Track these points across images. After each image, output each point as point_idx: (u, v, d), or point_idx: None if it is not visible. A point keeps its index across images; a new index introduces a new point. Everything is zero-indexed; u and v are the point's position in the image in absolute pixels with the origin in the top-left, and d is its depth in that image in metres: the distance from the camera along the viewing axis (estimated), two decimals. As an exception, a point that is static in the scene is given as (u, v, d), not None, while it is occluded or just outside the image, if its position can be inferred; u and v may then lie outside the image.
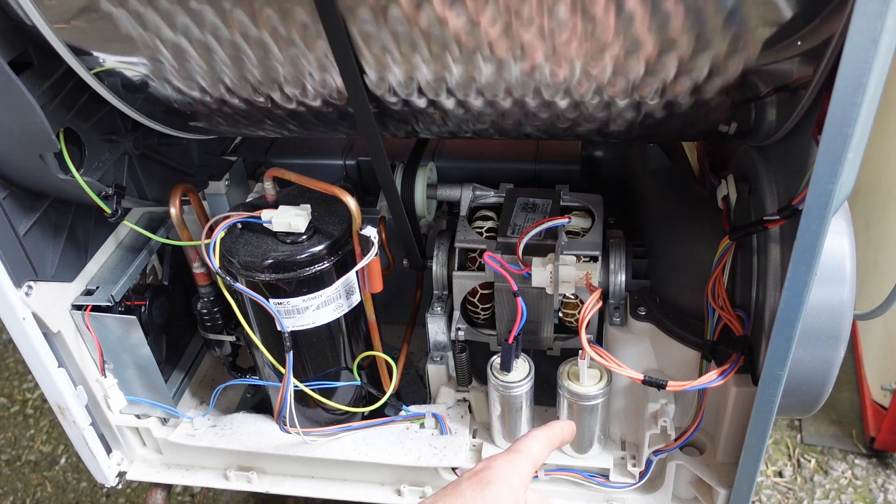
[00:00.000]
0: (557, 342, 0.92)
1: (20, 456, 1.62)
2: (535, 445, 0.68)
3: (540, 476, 0.93)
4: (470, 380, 0.97)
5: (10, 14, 0.68)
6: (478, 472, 0.63)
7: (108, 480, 1.04)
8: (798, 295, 0.62)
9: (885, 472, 1.42)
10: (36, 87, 0.73)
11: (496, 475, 0.62)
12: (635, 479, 0.90)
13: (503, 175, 1.00)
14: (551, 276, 0.81)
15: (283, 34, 0.63)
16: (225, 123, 0.81)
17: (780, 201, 0.71)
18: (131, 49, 0.68)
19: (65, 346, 0.91)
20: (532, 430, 0.72)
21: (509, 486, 0.62)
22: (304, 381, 0.91)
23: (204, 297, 0.97)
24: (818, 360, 0.72)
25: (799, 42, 0.56)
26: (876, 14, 0.46)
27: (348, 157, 1.06)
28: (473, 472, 0.63)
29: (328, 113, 0.74)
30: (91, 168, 0.84)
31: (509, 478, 0.63)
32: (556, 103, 0.67)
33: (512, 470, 0.64)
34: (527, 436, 0.70)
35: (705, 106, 0.65)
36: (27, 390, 1.77)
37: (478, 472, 0.63)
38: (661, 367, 0.86)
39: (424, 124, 0.75)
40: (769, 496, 1.40)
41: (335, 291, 0.85)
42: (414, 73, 0.66)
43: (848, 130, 0.51)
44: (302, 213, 0.83)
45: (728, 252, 0.78)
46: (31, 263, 0.84)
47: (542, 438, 0.70)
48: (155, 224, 1.01)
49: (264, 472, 1.02)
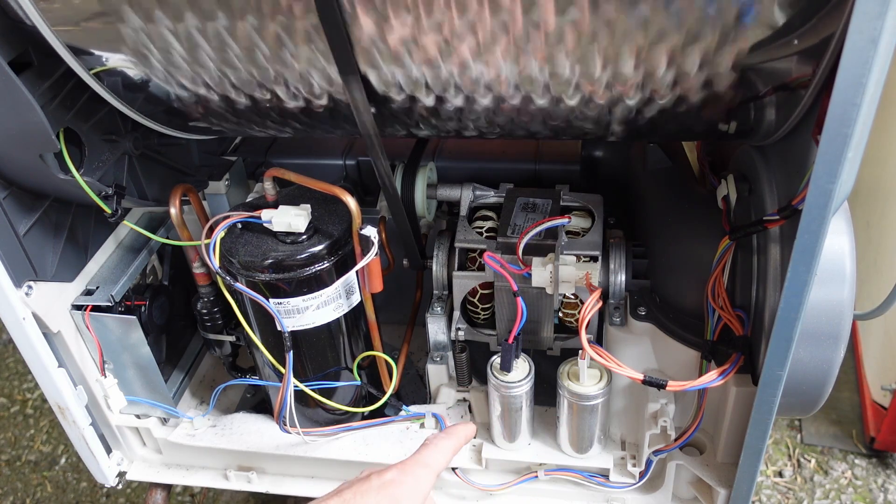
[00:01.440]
0: (557, 342, 0.92)
1: (20, 456, 1.62)
2: (440, 457, 0.72)
3: (540, 476, 0.93)
4: (470, 380, 0.97)
5: (10, 14, 0.68)
6: (386, 487, 0.65)
7: (108, 480, 1.04)
8: (798, 295, 0.62)
9: (885, 472, 1.42)
10: (36, 87, 0.73)
11: (404, 494, 0.65)
12: (635, 479, 0.90)
13: (503, 175, 1.00)
14: (551, 276, 0.81)
15: (283, 35, 0.63)
16: (225, 123, 0.81)
17: (780, 201, 0.71)
18: (133, 51, 0.68)
19: (65, 346, 0.91)
20: (436, 438, 0.75)
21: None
22: (304, 381, 0.91)
23: (204, 297, 0.97)
24: (818, 360, 0.72)
25: (796, 41, 0.56)
26: (876, 14, 0.46)
27: (348, 157, 1.06)
28: (382, 484, 0.65)
29: (328, 113, 0.74)
30: (91, 168, 0.84)
31: (415, 498, 0.65)
32: (557, 104, 0.67)
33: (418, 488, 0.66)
34: (432, 445, 0.73)
35: (705, 105, 0.65)
36: (27, 390, 1.77)
37: (387, 485, 0.65)
38: (661, 367, 0.86)
39: (425, 124, 0.76)
40: (769, 496, 1.40)
41: (335, 291, 0.85)
42: (414, 73, 0.66)
43: (848, 130, 0.51)
44: (302, 213, 0.83)
45: (728, 252, 0.78)
46: (31, 263, 0.84)
47: (446, 448, 0.74)
48: (155, 224, 1.01)
49: (264, 472, 1.02)
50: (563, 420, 0.88)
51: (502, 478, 0.95)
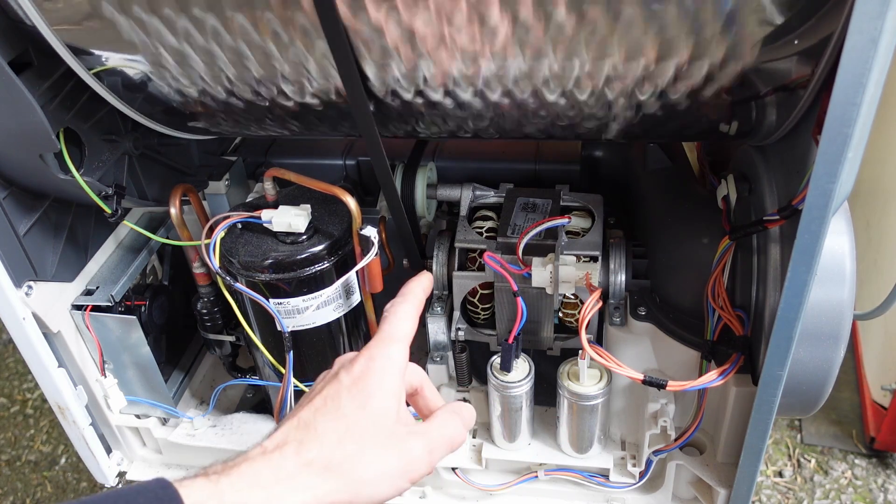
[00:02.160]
0: (557, 342, 0.92)
1: (20, 456, 1.62)
2: (405, 325, 0.64)
3: (540, 476, 0.93)
4: (470, 380, 0.97)
5: (10, 14, 0.68)
6: (357, 381, 0.58)
7: (108, 480, 1.04)
8: (798, 295, 0.62)
9: (885, 472, 1.43)
10: (36, 87, 0.73)
11: (377, 384, 0.58)
12: (635, 479, 0.90)
13: (503, 175, 1.00)
14: (551, 276, 0.81)
15: (283, 35, 0.63)
16: (225, 123, 0.81)
17: (780, 201, 0.71)
18: (133, 50, 0.68)
19: (65, 346, 0.91)
20: (394, 308, 0.65)
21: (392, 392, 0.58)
22: (304, 381, 0.91)
23: (204, 297, 0.97)
24: (818, 360, 0.72)
25: (796, 41, 0.56)
26: (876, 14, 0.46)
27: (348, 157, 1.06)
28: (353, 380, 0.58)
29: (328, 113, 0.74)
30: (91, 168, 0.84)
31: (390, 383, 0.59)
32: (557, 103, 0.67)
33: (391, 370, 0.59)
34: (393, 315, 0.64)
35: (705, 106, 0.65)
36: (27, 390, 1.77)
37: (357, 379, 0.58)
38: (661, 367, 0.86)
39: (424, 124, 0.76)
40: (769, 496, 1.40)
41: (335, 291, 0.85)
42: (414, 73, 0.66)
43: (848, 130, 0.51)
44: (302, 213, 0.83)
45: (728, 252, 0.78)
46: (31, 263, 0.84)
47: (408, 313, 0.65)
48: (155, 224, 1.01)
49: (264, 472, 1.01)
50: (563, 420, 0.88)
51: (502, 478, 0.95)
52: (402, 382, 0.60)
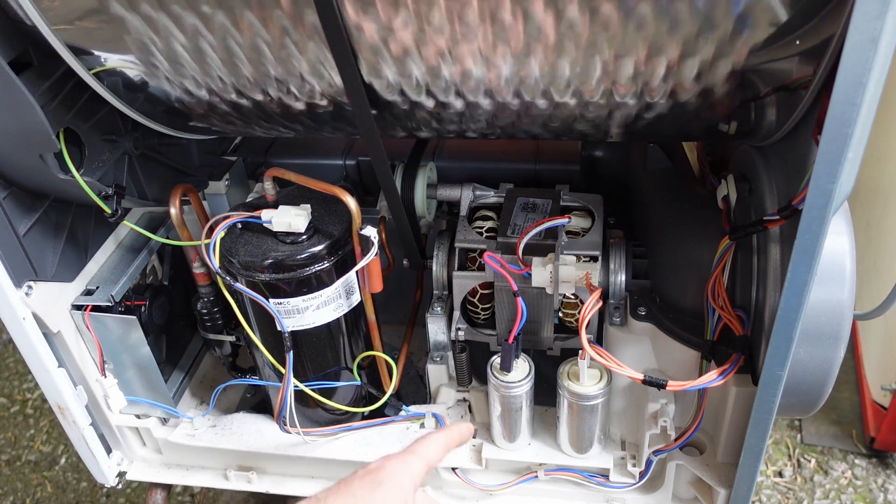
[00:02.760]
0: (557, 342, 0.92)
1: (20, 456, 1.62)
2: (430, 448, 0.71)
3: (540, 476, 0.93)
4: (470, 380, 0.97)
5: (10, 14, 0.68)
6: (371, 472, 0.64)
7: (108, 480, 1.04)
8: (798, 295, 0.62)
9: (885, 472, 1.43)
10: (36, 87, 0.73)
11: (388, 476, 0.64)
12: (635, 479, 0.90)
13: (503, 175, 1.00)
14: (551, 276, 0.81)
15: (283, 36, 0.63)
16: (225, 123, 0.81)
17: (780, 201, 0.71)
18: (133, 50, 0.68)
19: (65, 346, 0.91)
20: (430, 433, 0.74)
21: (400, 487, 0.63)
22: (304, 381, 0.91)
23: (204, 297, 0.97)
24: (818, 360, 0.72)
25: (797, 41, 0.56)
26: (876, 14, 0.46)
27: (348, 157, 1.06)
28: (367, 471, 0.64)
29: (328, 113, 0.74)
30: (91, 168, 0.84)
31: (401, 480, 0.64)
32: (558, 102, 0.67)
33: (405, 472, 0.65)
34: (424, 438, 0.72)
35: (706, 106, 0.65)
36: (27, 390, 1.77)
37: (371, 471, 0.64)
38: (661, 367, 0.86)
39: (424, 124, 0.76)
40: (769, 496, 1.40)
41: (335, 291, 0.85)
42: (414, 73, 0.66)
43: (848, 130, 0.51)
44: (302, 213, 0.83)
45: (728, 252, 0.78)
46: (31, 263, 0.84)
47: (438, 441, 0.72)
48: (155, 224, 1.01)
49: (264, 472, 1.02)
50: (563, 420, 0.88)
51: (502, 478, 0.95)
52: (412, 492, 0.65)
